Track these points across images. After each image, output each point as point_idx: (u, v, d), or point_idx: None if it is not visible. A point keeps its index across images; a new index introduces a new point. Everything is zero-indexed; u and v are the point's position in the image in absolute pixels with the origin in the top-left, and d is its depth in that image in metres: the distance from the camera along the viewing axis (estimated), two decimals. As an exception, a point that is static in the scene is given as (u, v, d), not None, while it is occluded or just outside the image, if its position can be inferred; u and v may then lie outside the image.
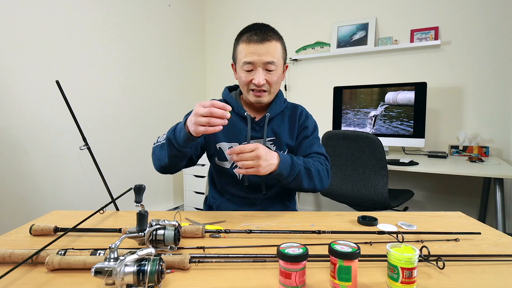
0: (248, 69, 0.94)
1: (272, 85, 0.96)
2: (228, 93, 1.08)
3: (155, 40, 2.66)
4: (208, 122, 0.74)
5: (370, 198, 1.69)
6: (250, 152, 0.79)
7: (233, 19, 3.12)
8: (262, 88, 0.95)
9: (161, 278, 0.51)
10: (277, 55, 0.94)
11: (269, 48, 0.91)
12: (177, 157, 0.88)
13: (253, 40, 0.91)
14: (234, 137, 1.02)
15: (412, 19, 2.36)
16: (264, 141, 1.01)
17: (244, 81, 0.96)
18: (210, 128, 0.75)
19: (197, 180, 2.73)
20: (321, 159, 1.00)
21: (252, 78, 0.93)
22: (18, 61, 1.76)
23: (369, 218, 0.84)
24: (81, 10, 2.07)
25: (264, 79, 0.93)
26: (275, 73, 0.95)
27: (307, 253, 0.51)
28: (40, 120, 1.87)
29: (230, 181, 1.04)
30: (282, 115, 1.06)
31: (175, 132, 0.85)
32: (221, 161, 1.04)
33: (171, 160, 0.89)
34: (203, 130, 0.75)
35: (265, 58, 0.91)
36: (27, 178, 1.82)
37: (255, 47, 0.91)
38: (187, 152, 0.88)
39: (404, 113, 2.11)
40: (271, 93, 0.98)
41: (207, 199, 1.16)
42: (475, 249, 0.69)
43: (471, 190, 2.23)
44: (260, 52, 0.91)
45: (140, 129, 2.55)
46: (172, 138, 0.85)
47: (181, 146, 0.85)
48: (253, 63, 0.92)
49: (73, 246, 0.69)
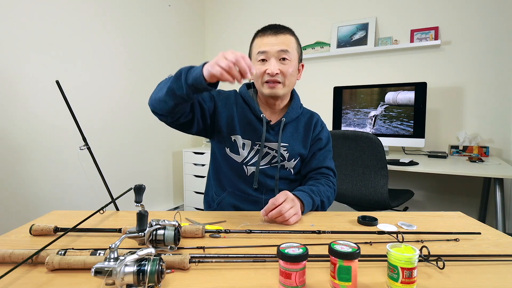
0: (261, 59, 0.94)
1: (286, 77, 0.95)
2: (246, 90, 1.06)
3: (155, 40, 2.66)
4: (229, 67, 0.70)
5: (370, 198, 1.69)
6: (278, 216, 0.81)
7: (233, 19, 3.11)
8: (276, 78, 0.94)
9: (161, 278, 0.51)
10: (291, 46, 0.95)
11: (283, 39, 0.94)
12: (176, 95, 0.78)
13: (267, 33, 0.95)
14: (249, 134, 1.01)
15: (412, 19, 2.36)
16: (279, 147, 1.01)
17: (258, 73, 0.96)
18: (226, 74, 0.70)
19: (197, 180, 2.73)
20: (330, 177, 1.05)
21: (266, 69, 0.93)
22: (18, 61, 1.76)
23: (369, 218, 0.84)
24: (81, 10, 2.07)
25: (277, 68, 0.93)
26: (289, 63, 0.95)
27: (307, 253, 0.51)
28: (40, 120, 1.87)
29: (238, 175, 1.03)
30: (297, 122, 1.05)
31: (190, 68, 0.78)
32: (232, 153, 1.03)
33: (168, 94, 0.80)
34: (218, 72, 0.70)
35: (279, 47, 0.93)
36: (27, 178, 1.82)
37: (269, 39, 0.94)
38: (186, 96, 0.78)
39: (404, 113, 2.11)
40: (286, 86, 0.97)
41: (207, 195, 1.15)
42: (475, 249, 0.69)
43: (471, 190, 2.23)
44: (274, 42, 0.93)
45: (140, 129, 2.55)
46: (185, 71, 0.77)
47: (186, 82, 0.76)
48: (267, 52, 0.93)
49: (73, 246, 0.69)
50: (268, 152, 1.02)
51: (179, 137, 2.98)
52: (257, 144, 1.01)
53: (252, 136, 1.01)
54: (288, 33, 0.96)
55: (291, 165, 1.04)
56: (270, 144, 1.01)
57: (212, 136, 1.06)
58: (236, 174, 1.03)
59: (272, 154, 1.02)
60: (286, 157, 1.03)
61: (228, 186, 1.05)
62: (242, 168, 1.02)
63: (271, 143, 1.01)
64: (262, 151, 1.01)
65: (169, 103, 0.82)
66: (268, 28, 0.96)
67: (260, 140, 1.01)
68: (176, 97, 0.79)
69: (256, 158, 1.01)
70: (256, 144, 1.01)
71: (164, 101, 0.82)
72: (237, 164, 1.02)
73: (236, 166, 1.03)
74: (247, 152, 1.02)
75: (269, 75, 0.93)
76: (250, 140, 1.01)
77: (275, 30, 0.95)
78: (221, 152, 1.05)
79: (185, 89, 0.76)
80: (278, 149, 1.01)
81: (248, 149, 1.01)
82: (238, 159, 1.02)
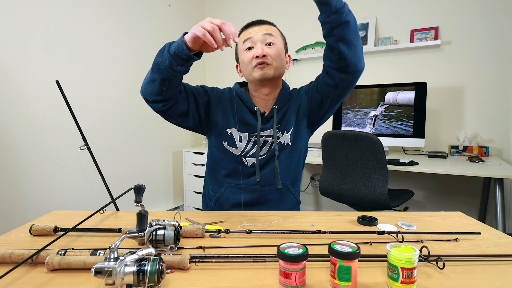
0: (248, 47, 0.98)
1: (274, 58, 0.97)
2: (239, 87, 1.07)
3: (155, 40, 2.66)
4: (213, 28, 0.70)
5: (370, 198, 1.69)
6: None
7: (233, 20, 3.11)
8: (265, 60, 0.96)
9: (161, 278, 0.51)
10: (275, 31, 1.01)
11: (267, 27, 1.00)
12: (161, 70, 0.81)
13: (251, 25, 1.02)
14: (244, 127, 1.02)
15: (412, 19, 2.36)
16: (274, 131, 1.01)
17: (246, 61, 0.99)
18: (208, 36, 0.70)
19: (197, 180, 2.73)
20: None
21: (254, 53, 0.97)
22: (18, 61, 1.76)
23: (369, 218, 0.84)
24: (81, 10, 2.07)
25: (264, 51, 0.96)
26: (275, 47, 0.98)
27: (307, 253, 0.51)
28: (40, 120, 1.87)
29: (238, 168, 1.03)
30: (289, 105, 1.06)
31: (172, 42, 0.81)
32: (230, 147, 1.03)
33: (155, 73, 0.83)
34: (201, 32, 0.70)
35: (263, 31, 0.98)
36: (27, 178, 1.82)
37: (253, 28, 1.00)
38: (170, 69, 0.80)
39: (404, 113, 2.11)
40: (275, 68, 0.98)
41: (204, 195, 1.15)
42: (475, 249, 0.69)
43: (471, 190, 2.23)
44: (258, 30, 0.99)
45: (140, 129, 2.55)
46: (167, 46, 0.81)
47: (170, 54, 0.78)
48: (252, 38, 0.98)
49: (73, 246, 0.69)
50: (266, 141, 1.03)
51: (179, 137, 2.98)
52: (253, 136, 1.02)
53: (248, 129, 1.02)
54: (271, 25, 1.03)
55: (286, 138, 1.03)
56: (266, 133, 1.02)
57: (209, 131, 1.07)
58: (236, 167, 1.04)
59: (270, 142, 1.03)
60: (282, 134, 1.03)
61: (226, 180, 1.05)
62: (242, 161, 1.03)
63: (266, 131, 1.02)
64: (260, 142, 1.02)
65: (156, 81, 0.84)
66: (251, 23, 1.02)
67: (256, 132, 1.01)
68: (161, 71, 0.81)
69: (255, 149, 1.02)
70: (253, 136, 1.02)
71: (152, 80, 0.85)
72: (236, 157, 1.03)
73: (235, 159, 1.03)
74: (245, 144, 1.03)
75: (258, 58, 0.96)
76: (246, 133, 1.02)
77: (258, 22, 1.01)
78: (219, 147, 1.05)
79: (168, 59, 0.78)
80: (274, 133, 1.01)
81: (245, 142, 1.03)
82: (237, 152, 1.03)
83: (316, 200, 2.87)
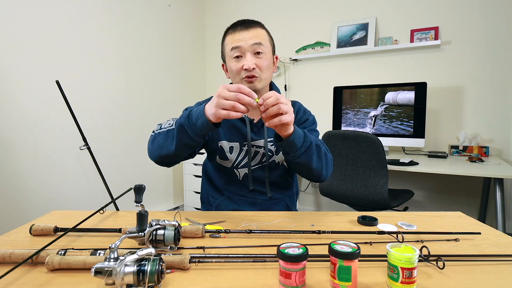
0: (236, 55, 0.94)
1: (262, 70, 0.94)
2: None
3: (155, 40, 2.66)
4: (233, 106, 0.70)
5: (370, 198, 1.69)
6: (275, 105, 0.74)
7: (233, 19, 3.08)
8: (253, 73, 0.93)
9: (161, 278, 0.51)
10: (264, 38, 0.95)
11: (255, 33, 0.94)
12: (188, 146, 0.83)
13: (238, 28, 0.94)
14: (234, 137, 1.02)
15: (412, 19, 2.36)
16: (265, 142, 1.01)
17: (235, 70, 0.95)
18: (233, 113, 0.71)
19: (197, 180, 2.73)
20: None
21: (242, 65, 0.92)
22: (18, 61, 1.76)
23: (369, 218, 0.84)
24: (81, 10, 2.07)
25: (253, 63, 0.92)
26: (264, 57, 0.94)
27: (307, 253, 0.51)
28: (40, 120, 1.87)
29: (231, 180, 1.04)
30: None
31: (189, 118, 0.79)
32: (222, 160, 1.03)
33: (178, 149, 0.83)
34: (225, 114, 0.71)
35: (252, 40, 0.92)
36: (27, 178, 1.82)
37: (241, 34, 0.93)
38: (200, 142, 0.82)
39: (404, 113, 2.11)
40: (263, 80, 0.96)
41: (204, 197, 1.15)
42: (475, 249, 0.69)
43: (471, 190, 2.23)
44: (247, 37, 0.93)
45: (140, 129, 2.55)
46: (187, 124, 0.79)
47: (196, 134, 0.79)
48: (240, 47, 0.92)
49: (73, 246, 0.69)
50: (257, 151, 1.02)
51: (179, 137, 2.98)
52: (245, 145, 1.01)
53: (238, 138, 1.01)
54: (259, 27, 0.97)
55: (281, 157, 1.03)
56: (257, 143, 1.01)
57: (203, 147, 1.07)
58: (229, 180, 1.04)
59: (261, 152, 1.02)
60: (274, 151, 1.02)
61: (224, 191, 1.06)
62: (234, 173, 1.02)
63: (257, 141, 1.01)
64: (251, 151, 1.01)
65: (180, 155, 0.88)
66: (238, 24, 0.96)
67: (247, 141, 1.01)
68: (188, 147, 0.84)
69: (246, 160, 1.01)
70: (245, 145, 1.01)
71: (175, 156, 0.86)
72: (227, 170, 1.03)
73: (228, 172, 1.03)
74: (236, 155, 1.02)
75: (247, 71, 0.92)
76: (237, 142, 1.01)
77: (245, 25, 0.94)
78: (212, 159, 1.06)
79: (196, 140, 0.80)
80: (265, 144, 1.00)
81: (236, 152, 1.02)
82: (228, 164, 1.02)
83: (316, 200, 2.87)
